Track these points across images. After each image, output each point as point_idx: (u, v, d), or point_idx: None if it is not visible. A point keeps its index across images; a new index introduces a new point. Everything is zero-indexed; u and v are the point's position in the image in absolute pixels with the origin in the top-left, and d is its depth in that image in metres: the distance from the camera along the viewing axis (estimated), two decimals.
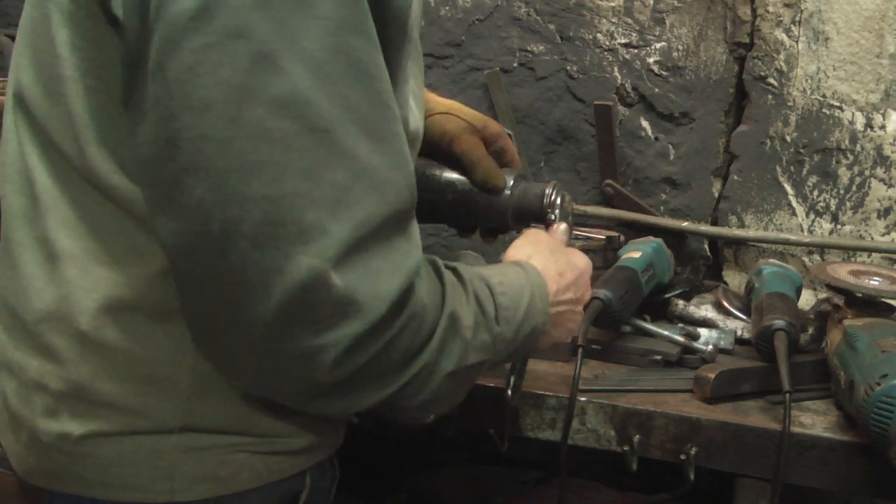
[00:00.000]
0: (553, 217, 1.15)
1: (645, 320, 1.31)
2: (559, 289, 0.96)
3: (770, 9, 1.62)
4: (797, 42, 1.62)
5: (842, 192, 1.63)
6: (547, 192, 1.16)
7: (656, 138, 1.74)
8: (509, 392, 1.06)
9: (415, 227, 0.77)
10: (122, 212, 0.76)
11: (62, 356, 0.79)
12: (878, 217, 1.62)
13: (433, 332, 0.77)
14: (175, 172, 0.67)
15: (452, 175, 1.18)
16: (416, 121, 0.87)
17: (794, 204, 1.66)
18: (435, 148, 1.15)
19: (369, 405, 0.77)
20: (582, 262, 1.03)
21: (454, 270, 0.84)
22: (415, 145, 0.89)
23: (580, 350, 1.11)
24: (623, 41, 1.73)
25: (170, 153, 0.67)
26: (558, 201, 1.16)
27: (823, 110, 1.62)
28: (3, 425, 0.85)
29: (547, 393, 1.12)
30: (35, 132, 0.78)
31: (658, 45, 1.71)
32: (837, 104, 1.61)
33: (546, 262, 0.97)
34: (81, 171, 0.76)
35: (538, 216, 1.17)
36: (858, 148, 1.61)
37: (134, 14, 0.67)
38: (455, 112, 1.17)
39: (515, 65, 1.80)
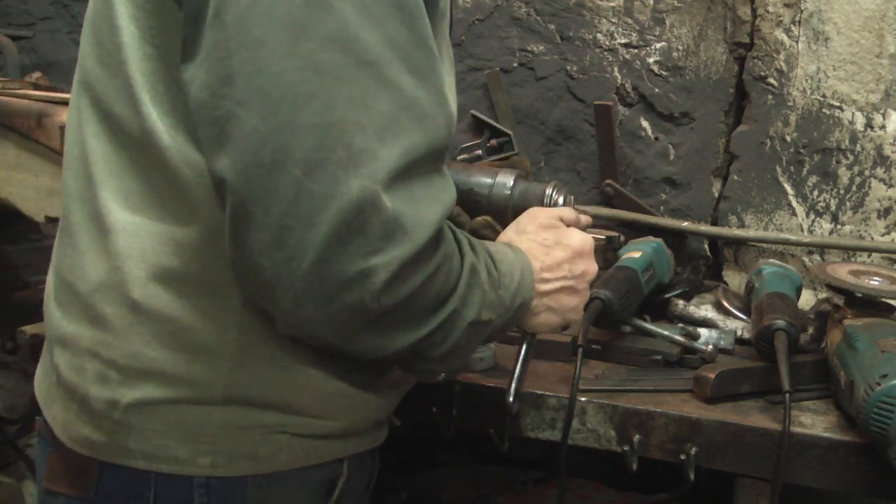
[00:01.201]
0: None
1: (645, 320, 1.31)
2: (547, 265, 0.96)
3: (770, 9, 1.62)
4: (797, 42, 1.62)
5: (842, 192, 1.63)
6: (547, 192, 1.16)
7: (656, 138, 1.74)
8: (510, 399, 1.06)
9: (446, 170, 0.81)
10: (173, 173, 0.79)
11: (113, 324, 0.83)
12: (878, 217, 1.62)
13: (459, 279, 0.81)
14: (230, 107, 0.71)
15: (452, 175, 1.18)
16: (451, 103, 0.90)
17: (794, 204, 1.66)
18: None
19: (403, 347, 0.79)
20: (576, 240, 1.01)
21: (467, 237, 0.87)
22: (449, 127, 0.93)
23: (580, 350, 1.11)
24: (623, 41, 1.73)
25: (226, 90, 0.71)
26: (559, 201, 1.16)
27: (823, 110, 1.62)
28: (56, 397, 0.88)
29: (547, 393, 1.12)
30: (95, 107, 0.84)
31: (658, 45, 1.71)
32: (837, 104, 1.61)
33: (532, 240, 0.98)
34: (137, 133, 0.81)
35: None
36: (858, 148, 1.61)
37: None
38: None
39: (515, 65, 1.80)
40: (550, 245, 0.98)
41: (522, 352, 1.04)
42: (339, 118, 0.70)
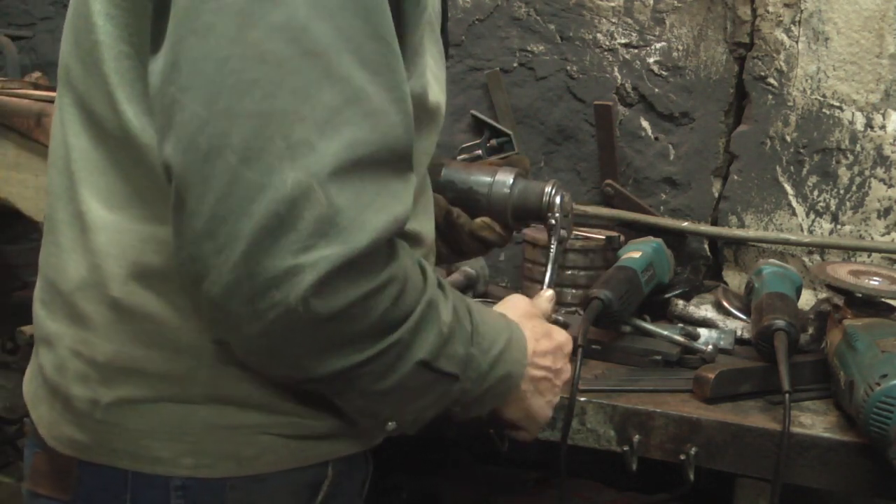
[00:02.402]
0: (553, 213, 1.15)
1: (645, 320, 1.31)
2: (536, 351, 0.94)
3: (770, 9, 1.62)
4: (797, 42, 1.62)
5: (842, 192, 1.63)
6: (547, 190, 1.16)
7: (656, 138, 1.74)
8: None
9: (410, 180, 0.77)
10: (153, 171, 0.78)
11: (94, 323, 0.82)
12: (878, 217, 1.62)
13: (412, 310, 0.77)
14: (175, 93, 0.70)
15: (452, 174, 1.18)
16: (437, 95, 0.89)
17: (794, 204, 1.66)
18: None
19: (336, 370, 0.75)
20: (561, 336, 1.00)
21: (437, 279, 0.83)
22: (436, 120, 0.92)
23: (580, 350, 1.11)
24: (623, 41, 1.73)
25: (173, 76, 0.70)
26: (558, 200, 1.16)
27: (823, 110, 1.62)
28: (40, 397, 0.88)
29: None
30: (76, 106, 0.83)
31: (658, 45, 1.71)
32: (837, 104, 1.61)
33: (524, 324, 0.96)
34: (116, 132, 0.80)
35: (538, 215, 1.17)
36: (858, 148, 1.61)
37: None
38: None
39: (515, 65, 1.80)
40: (539, 336, 0.96)
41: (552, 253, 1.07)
42: (280, 108, 0.68)
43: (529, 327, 0.96)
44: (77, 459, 0.84)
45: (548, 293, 1.08)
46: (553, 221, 1.15)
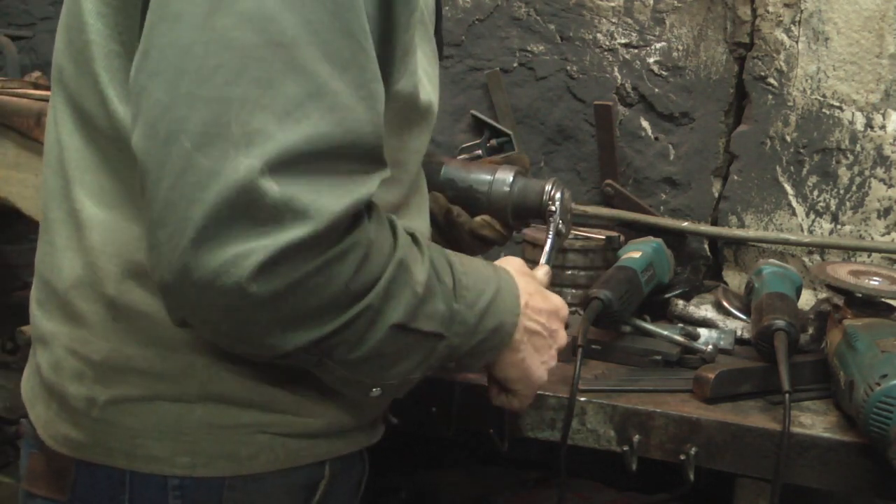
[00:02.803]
0: (554, 211, 1.15)
1: (645, 320, 1.31)
2: (531, 304, 0.93)
3: (770, 9, 1.62)
4: (797, 42, 1.62)
5: (842, 192, 1.63)
6: (547, 188, 1.16)
7: (656, 138, 1.74)
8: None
9: (379, 172, 0.75)
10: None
11: (90, 322, 0.82)
12: (878, 217, 1.62)
13: (380, 274, 0.75)
14: (144, 81, 0.69)
15: (452, 173, 1.18)
16: (429, 94, 0.87)
17: (794, 204, 1.66)
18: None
19: (304, 343, 0.73)
20: (556, 299, 0.99)
21: (412, 235, 0.82)
22: (428, 118, 0.90)
23: (580, 350, 1.11)
24: (623, 41, 1.73)
25: (142, 63, 0.70)
26: (558, 197, 1.16)
27: (823, 110, 1.62)
28: (37, 396, 0.88)
29: (547, 393, 1.12)
30: (69, 103, 0.83)
31: (658, 45, 1.71)
32: (837, 104, 1.61)
33: (515, 273, 0.94)
34: (107, 131, 0.80)
35: (538, 213, 1.17)
36: (858, 148, 1.61)
37: None
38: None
39: (515, 65, 1.80)
40: (533, 291, 0.95)
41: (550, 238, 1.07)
42: (240, 95, 0.67)
43: (523, 282, 0.94)
44: (74, 459, 0.84)
45: (544, 268, 1.07)
46: (553, 208, 1.15)
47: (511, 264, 0.97)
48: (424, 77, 0.86)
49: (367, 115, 0.72)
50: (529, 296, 0.93)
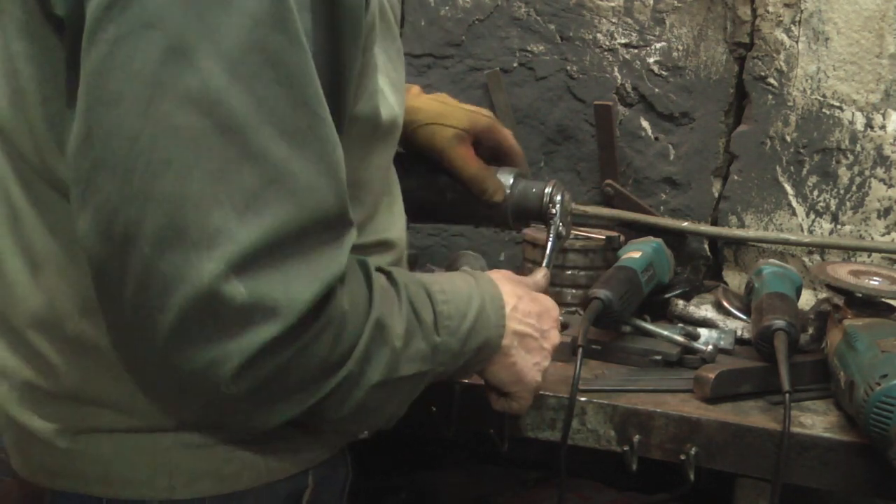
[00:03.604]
0: (554, 213, 1.15)
1: (645, 320, 1.31)
2: (519, 307, 0.92)
3: (770, 9, 1.62)
4: (797, 42, 1.62)
5: (842, 192, 1.63)
6: (547, 191, 1.16)
7: (656, 138, 1.74)
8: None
9: (348, 236, 0.73)
10: None
11: (53, 361, 0.78)
12: (878, 217, 1.62)
13: (356, 341, 0.74)
14: (88, 169, 0.65)
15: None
16: (392, 108, 0.84)
17: (794, 204, 1.66)
18: (429, 159, 1.13)
19: (289, 418, 0.74)
20: (546, 301, 0.98)
21: (388, 275, 0.81)
22: (392, 133, 0.87)
23: (580, 350, 1.11)
24: (623, 41, 1.73)
25: (84, 149, 0.65)
26: (558, 199, 1.16)
27: (823, 110, 1.62)
28: (5, 425, 0.84)
29: (547, 393, 1.12)
30: (4, 143, 0.78)
31: (658, 45, 1.71)
32: (837, 104, 1.61)
33: (503, 283, 0.93)
34: (46, 178, 0.75)
35: (538, 215, 1.17)
36: (858, 148, 1.61)
37: (71, 10, 0.67)
38: (441, 120, 1.12)
39: (515, 65, 1.80)
40: (522, 294, 0.94)
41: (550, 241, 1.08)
42: (194, 191, 0.63)
43: (509, 288, 0.93)
44: (48, 489, 0.81)
45: (542, 271, 1.07)
46: (553, 211, 1.15)
47: (498, 272, 0.97)
48: (387, 88, 0.83)
49: (328, 187, 0.69)
50: (518, 299, 0.93)
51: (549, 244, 1.16)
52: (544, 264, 1.14)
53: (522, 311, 0.93)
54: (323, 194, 0.69)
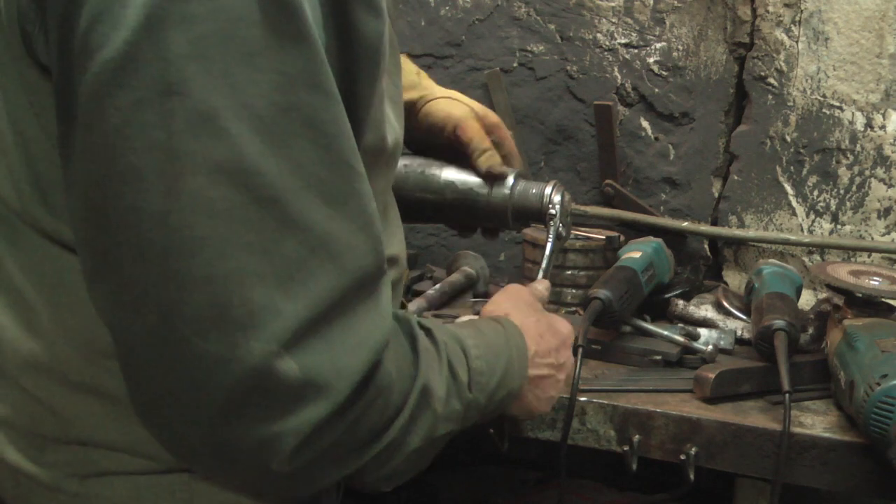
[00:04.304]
0: (554, 214, 1.15)
1: (645, 320, 1.31)
2: (539, 351, 0.92)
3: (770, 9, 1.62)
4: (797, 42, 1.62)
5: (842, 192, 1.63)
6: (547, 191, 1.16)
7: (656, 138, 1.74)
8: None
9: (385, 291, 0.69)
10: (71, 267, 0.69)
11: (54, 405, 0.73)
12: (878, 217, 1.62)
13: (402, 406, 0.71)
14: (108, 245, 0.60)
15: (452, 175, 1.18)
16: (395, 132, 0.81)
17: (794, 204, 1.66)
18: (437, 133, 1.13)
19: (329, 483, 0.71)
20: (565, 328, 0.98)
21: (428, 332, 0.78)
22: (395, 157, 0.84)
23: (580, 350, 1.11)
24: (623, 41, 1.73)
25: (101, 223, 0.60)
26: (557, 200, 1.16)
27: (823, 110, 1.62)
28: (0, 471, 0.79)
29: None
30: None
31: (658, 45, 1.71)
32: (837, 104, 1.61)
33: (526, 322, 0.92)
34: (28, 222, 0.70)
35: (538, 216, 1.17)
36: (858, 148, 1.61)
37: (58, 64, 0.60)
38: (456, 97, 1.14)
39: (515, 65, 1.80)
40: (543, 331, 0.93)
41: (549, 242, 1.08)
42: (234, 268, 0.59)
43: (532, 324, 0.92)
44: None
45: (544, 283, 1.07)
46: (553, 212, 1.15)
47: (519, 298, 0.96)
48: (390, 108, 0.80)
49: (367, 245, 0.66)
50: (540, 339, 0.92)
51: (549, 245, 1.16)
52: (543, 266, 1.14)
53: (542, 353, 0.93)
54: (362, 252, 0.65)
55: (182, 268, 0.58)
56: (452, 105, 1.12)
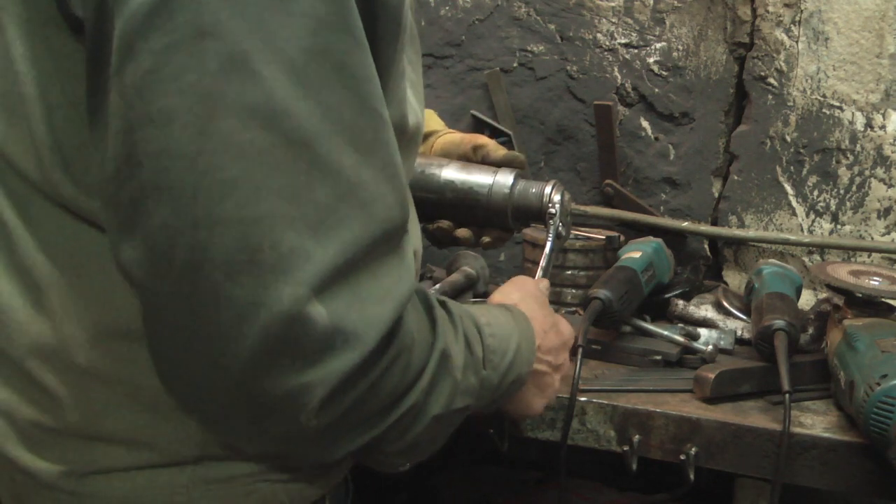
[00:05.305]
0: (553, 213, 1.15)
1: (645, 320, 1.31)
2: (542, 346, 0.92)
3: (770, 9, 1.62)
4: (797, 42, 1.62)
5: (842, 192, 1.63)
6: (547, 191, 1.16)
7: (656, 138, 1.74)
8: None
9: (408, 246, 0.70)
10: (100, 234, 0.68)
11: (58, 393, 0.72)
12: (878, 217, 1.62)
13: (423, 369, 0.71)
14: (135, 193, 0.59)
15: (452, 174, 1.18)
16: (416, 115, 0.81)
17: (794, 204, 1.66)
18: (452, 149, 1.20)
19: (350, 451, 0.70)
20: (567, 330, 0.98)
21: (444, 304, 0.78)
22: (416, 141, 0.83)
23: (580, 350, 1.11)
24: (623, 41, 1.73)
25: (130, 171, 0.59)
26: (557, 200, 1.16)
27: (823, 110, 1.62)
28: None
29: None
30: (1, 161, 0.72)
31: (658, 45, 1.71)
32: (837, 104, 1.61)
33: (534, 315, 0.92)
34: (47, 195, 0.70)
35: (538, 215, 1.17)
36: (858, 148, 1.61)
37: (93, 11, 0.60)
38: (452, 130, 1.23)
39: (515, 65, 1.80)
40: (548, 328, 0.94)
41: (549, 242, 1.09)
42: (265, 212, 0.58)
43: (539, 317, 0.93)
44: None
45: (544, 282, 1.08)
46: (552, 211, 1.15)
47: (526, 290, 0.96)
48: (410, 91, 0.80)
49: (393, 196, 0.65)
50: (544, 334, 0.93)
51: (548, 244, 1.16)
52: (542, 266, 1.14)
53: (545, 349, 0.92)
54: (390, 203, 0.65)
55: (212, 210, 0.58)
56: (473, 138, 1.22)
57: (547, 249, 1.16)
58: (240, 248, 0.59)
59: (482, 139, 1.20)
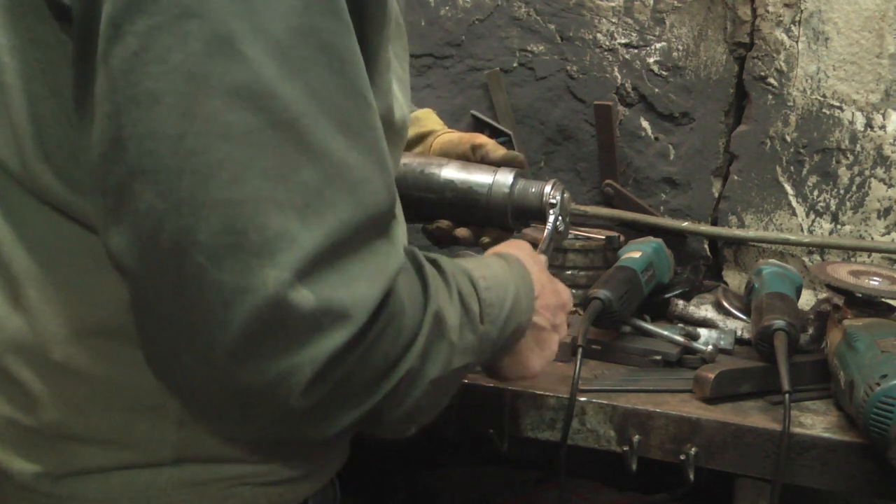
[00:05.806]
0: (553, 213, 1.15)
1: (645, 320, 1.31)
2: (541, 299, 0.91)
3: (770, 9, 1.62)
4: (797, 42, 1.62)
5: (842, 192, 1.63)
6: (546, 190, 1.16)
7: (656, 138, 1.74)
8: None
9: (397, 227, 0.70)
10: (81, 228, 0.69)
11: (34, 389, 0.71)
12: (878, 217, 1.62)
13: (416, 334, 0.69)
14: (122, 177, 0.59)
15: (452, 174, 1.18)
16: (402, 108, 0.80)
17: (794, 204, 1.66)
18: (451, 148, 1.20)
19: (349, 425, 0.69)
20: (565, 292, 0.97)
21: (435, 263, 0.77)
22: (402, 136, 0.83)
23: (580, 350, 1.11)
24: (623, 41, 1.73)
25: (116, 154, 0.59)
26: (557, 198, 1.16)
27: (823, 110, 1.62)
28: None
29: (547, 393, 1.11)
30: None
31: (658, 45, 1.71)
32: (837, 104, 1.61)
33: (532, 268, 0.91)
34: (27, 186, 0.69)
35: (538, 214, 1.17)
36: (858, 148, 1.61)
37: None
38: (451, 129, 1.22)
39: (515, 65, 1.80)
40: (545, 284, 0.93)
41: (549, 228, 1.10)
42: (251, 194, 0.58)
43: (537, 272, 0.91)
44: None
45: (542, 258, 1.05)
46: (553, 201, 1.15)
47: (523, 248, 0.96)
48: (397, 85, 0.79)
49: (380, 180, 0.65)
50: (542, 287, 0.92)
51: (547, 230, 1.15)
52: (541, 250, 1.14)
53: (543, 305, 0.91)
54: (376, 187, 0.65)
55: (197, 192, 0.58)
56: (472, 137, 1.21)
57: (546, 233, 1.15)
58: (225, 231, 0.58)
59: (481, 138, 1.20)
